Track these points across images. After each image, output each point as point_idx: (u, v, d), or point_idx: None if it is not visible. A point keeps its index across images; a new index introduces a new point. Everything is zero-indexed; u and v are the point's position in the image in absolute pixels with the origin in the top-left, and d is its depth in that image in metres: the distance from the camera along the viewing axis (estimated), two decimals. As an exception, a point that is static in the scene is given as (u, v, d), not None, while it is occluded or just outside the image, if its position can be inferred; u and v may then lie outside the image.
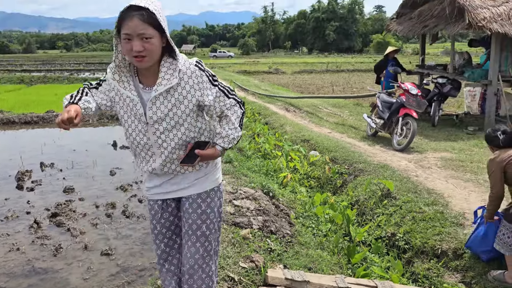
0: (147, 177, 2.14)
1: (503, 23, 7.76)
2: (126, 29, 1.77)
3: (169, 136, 1.95)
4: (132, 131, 1.98)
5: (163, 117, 1.91)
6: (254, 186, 4.77)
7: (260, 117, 10.63)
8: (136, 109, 1.92)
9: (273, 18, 77.77)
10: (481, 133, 8.10)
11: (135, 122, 1.95)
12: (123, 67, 1.94)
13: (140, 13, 1.76)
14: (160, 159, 1.99)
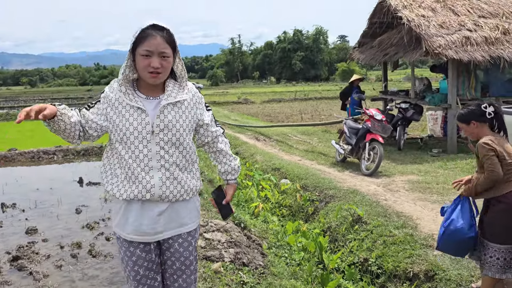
0: (128, 214, 1.98)
1: (457, 49, 8.19)
2: (147, 46, 1.87)
3: (172, 149, 1.98)
4: (131, 144, 1.94)
5: (170, 127, 1.97)
6: (225, 218, 4.70)
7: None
8: (142, 118, 1.94)
9: (240, 50, 79.09)
10: (445, 155, 8.37)
11: (138, 132, 1.93)
12: (127, 81, 2.00)
13: (163, 33, 1.90)
14: (159, 174, 1.95)
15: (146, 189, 1.94)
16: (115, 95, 1.98)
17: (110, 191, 2.01)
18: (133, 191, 1.94)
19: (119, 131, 1.94)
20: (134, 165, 1.94)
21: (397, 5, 9.31)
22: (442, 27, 8.69)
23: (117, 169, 2.00)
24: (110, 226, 5.34)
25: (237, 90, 45.67)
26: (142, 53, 1.87)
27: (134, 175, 1.94)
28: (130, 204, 1.98)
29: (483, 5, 9.60)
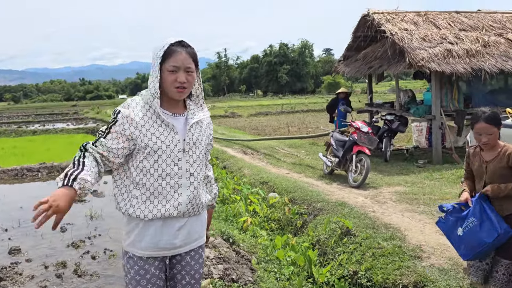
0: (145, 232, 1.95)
1: (439, 62, 8.36)
2: (174, 61, 1.90)
3: (200, 166, 2.04)
4: (162, 162, 1.92)
5: (197, 144, 2.02)
6: (213, 233, 4.66)
7: (218, 161, 10.59)
8: (172, 136, 1.94)
9: (227, 63, 79.54)
10: (430, 165, 8.46)
11: (170, 150, 1.93)
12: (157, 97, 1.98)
13: (188, 49, 1.94)
14: (187, 192, 1.97)
15: (173, 206, 1.95)
16: (138, 113, 1.91)
17: (132, 213, 1.94)
18: (160, 210, 1.93)
19: (149, 150, 1.90)
20: (163, 184, 1.93)
21: (380, 19, 9.50)
22: (424, 40, 8.88)
23: (133, 190, 1.95)
24: (96, 244, 5.25)
25: (224, 103, 45.76)
26: (170, 68, 1.90)
27: (162, 194, 1.93)
28: (149, 223, 1.96)
29: (463, 18, 9.85)
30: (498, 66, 8.42)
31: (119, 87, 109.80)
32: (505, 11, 10.66)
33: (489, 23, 9.74)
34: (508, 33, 9.41)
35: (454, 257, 3.93)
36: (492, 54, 8.71)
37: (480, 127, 2.83)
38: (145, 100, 1.95)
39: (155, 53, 1.92)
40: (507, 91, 9.81)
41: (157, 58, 1.90)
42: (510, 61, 8.59)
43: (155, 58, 1.92)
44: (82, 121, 30.20)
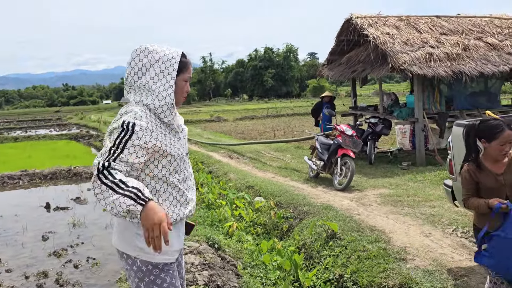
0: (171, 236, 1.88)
1: (421, 65, 8.47)
2: (189, 72, 2.03)
3: (191, 168, 2.16)
4: (179, 168, 2.00)
5: (188, 147, 2.16)
6: (198, 239, 4.62)
7: (204, 166, 10.54)
8: (180, 141, 2.03)
9: (212, 68, 79.34)
10: (414, 167, 8.55)
11: (181, 155, 2.02)
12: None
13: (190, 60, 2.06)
14: (194, 192, 2.11)
15: (192, 207, 2.06)
16: (152, 123, 1.89)
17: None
18: (185, 212, 2.01)
19: (169, 158, 1.94)
20: (182, 187, 2.01)
21: (363, 23, 9.59)
22: (406, 44, 8.99)
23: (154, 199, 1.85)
24: (79, 253, 5.15)
25: (209, 108, 45.67)
26: (185, 79, 2.02)
27: (183, 197, 2.01)
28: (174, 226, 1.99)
29: (443, 22, 10.02)
30: (478, 69, 8.57)
31: (104, 92, 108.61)
32: (484, 15, 10.88)
33: (468, 27, 9.92)
34: (487, 37, 9.60)
35: (438, 258, 3.97)
36: (472, 58, 8.87)
37: (507, 135, 2.58)
38: (149, 109, 1.93)
39: (163, 61, 1.94)
40: (487, 94, 10.00)
41: (173, 69, 1.95)
42: (489, 64, 8.75)
43: (166, 67, 1.94)
44: (65, 127, 29.77)
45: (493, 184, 2.68)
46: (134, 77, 1.96)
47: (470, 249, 4.23)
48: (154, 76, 1.94)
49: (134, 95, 1.97)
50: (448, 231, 4.71)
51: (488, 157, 2.71)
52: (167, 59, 1.95)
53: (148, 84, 1.94)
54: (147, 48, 1.96)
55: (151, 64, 1.94)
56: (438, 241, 4.44)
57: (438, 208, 5.50)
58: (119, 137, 1.79)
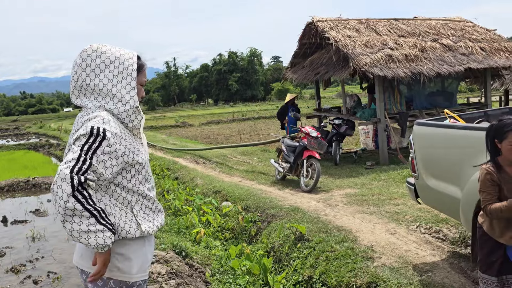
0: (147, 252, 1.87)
1: (381, 67, 8.68)
2: (144, 76, 1.92)
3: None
4: (148, 175, 1.91)
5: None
6: (165, 248, 4.51)
7: (169, 172, 10.36)
8: (143, 147, 1.93)
9: (176, 73, 78.52)
10: (378, 166, 8.74)
11: (146, 162, 1.92)
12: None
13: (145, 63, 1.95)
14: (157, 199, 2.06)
15: (163, 215, 1.98)
16: (120, 129, 1.77)
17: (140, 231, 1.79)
18: (160, 222, 1.93)
19: (138, 166, 1.83)
20: (152, 195, 1.92)
21: (324, 26, 9.74)
22: (366, 46, 9.20)
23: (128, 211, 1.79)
24: (39, 268, 4.91)
25: (174, 113, 45.13)
26: (142, 82, 1.90)
27: (154, 205, 1.91)
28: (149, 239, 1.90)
29: (401, 25, 10.33)
30: (435, 69, 8.87)
31: (64, 99, 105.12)
32: (438, 18, 11.31)
33: (425, 29, 10.27)
34: (443, 38, 9.96)
35: (403, 255, 4.05)
36: (429, 59, 9.18)
37: None
38: (112, 114, 1.80)
39: (121, 62, 1.80)
40: (445, 93, 10.37)
41: (132, 69, 1.81)
42: (445, 64, 9.08)
43: (124, 68, 1.80)
44: (23, 137, 28.61)
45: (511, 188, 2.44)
46: (86, 79, 1.79)
47: (434, 244, 4.34)
48: (112, 78, 1.79)
49: (89, 99, 1.81)
50: (412, 228, 4.82)
51: (504, 159, 2.50)
52: (124, 59, 1.82)
53: (107, 87, 1.79)
54: (99, 48, 1.80)
55: (106, 65, 1.79)
56: (403, 238, 4.53)
57: (402, 205, 5.62)
58: (88, 143, 1.64)
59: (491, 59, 9.48)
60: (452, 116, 3.97)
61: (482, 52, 9.66)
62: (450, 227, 4.62)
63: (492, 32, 10.64)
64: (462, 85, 22.84)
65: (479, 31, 10.60)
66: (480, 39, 10.13)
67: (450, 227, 4.63)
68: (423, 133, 3.84)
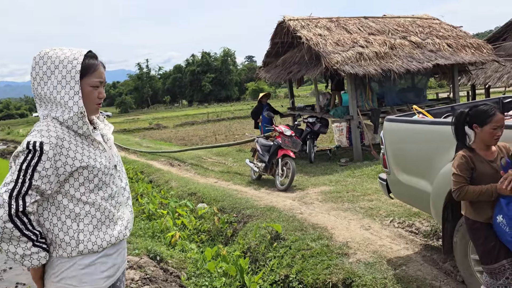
0: (97, 262, 1.74)
1: (353, 65, 8.78)
2: (97, 76, 1.77)
3: (125, 180, 1.95)
4: (102, 184, 1.77)
5: (119, 157, 1.95)
6: (138, 253, 4.41)
7: (143, 175, 10.19)
8: (105, 153, 1.82)
9: (149, 74, 77.47)
10: (352, 163, 8.83)
11: (107, 170, 1.80)
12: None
13: (101, 62, 1.82)
14: (127, 208, 1.91)
15: (124, 226, 1.85)
16: (65, 137, 1.67)
17: (83, 250, 1.69)
18: (112, 234, 1.78)
19: (87, 174, 1.71)
20: (108, 206, 1.78)
21: (295, 25, 9.78)
22: (337, 44, 9.29)
23: (73, 224, 1.70)
24: (6, 279, 4.73)
25: (148, 115, 44.53)
26: (93, 83, 1.76)
27: (109, 217, 1.78)
28: (103, 253, 1.77)
29: (371, 23, 10.48)
30: (404, 66, 9.04)
31: (33, 104, 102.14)
32: (407, 15, 11.54)
33: (394, 27, 10.45)
34: (411, 36, 10.16)
35: (378, 250, 4.09)
36: (399, 56, 9.35)
37: (499, 118, 2.51)
38: (59, 122, 1.70)
39: (64, 66, 1.69)
40: (414, 89, 10.58)
41: (75, 71, 1.69)
42: (414, 61, 9.26)
43: (67, 72, 1.69)
44: (-10, 144, 27.60)
45: (488, 170, 2.58)
46: (38, 88, 1.72)
47: (407, 238, 4.41)
48: (56, 85, 1.70)
49: (42, 108, 1.74)
50: (386, 223, 4.88)
51: (480, 143, 2.61)
52: (68, 61, 1.71)
53: (53, 95, 1.71)
54: (46, 54, 1.72)
55: (51, 71, 1.70)
56: (377, 233, 4.58)
57: (376, 201, 5.70)
58: (26, 160, 1.59)
59: (457, 55, 9.74)
60: (421, 112, 4.04)
61: (449, 48, 9.90)
62: (422, 221, 4.70)
63: (458, 29, 10.93)
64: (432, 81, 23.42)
65: (446, 28, 10.86)
66: (447, 36, 10.38)
67: (422, 220, 4.71)
68: (393, 129, 3.89)
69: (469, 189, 2.55)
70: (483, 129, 2.55)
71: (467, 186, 2.56)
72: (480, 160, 2.60)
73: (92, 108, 1.81)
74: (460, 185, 2.58)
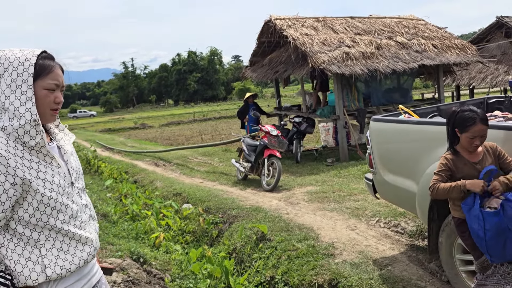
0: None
1: (339, 64, 8.78)
2: (52, 78, 1.57)
3: (85, 195, 1.76)
4: (61, 205, 1.57)
5: (79, 172, 1.74)
6: (121, 255, 4.31)
7: (128, 176, 10.04)
8: (59, 169, 1.61)
9: (134, 73, 76.78)
10: (338, 163, 8.84)
11: (62, 189, 1.59)
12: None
13: (59, 63, 1.63)
14: (91, 226, 1.73)
15: (92, 246, 1.67)
16: (8, 154, 1.47)
17: (50, 275, 1.53)
18: (82, 257, 1.62)
19: (40, 196, 1.52)
20: (70, 228, 1.60)
21: (282, 25, 9.75)
22: (324, 44, 9.29)
23: (35, 250, 1.54)
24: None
25: (133, 115, 44.14)
26: (49, 87, 1.56)
27: (75, 239, 1.61)
28: (69, 277, 1.61)
29: (357, 23, 10.51)
30: (390, 66, 9.09)
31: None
32: (393, 16, 11.62)
33: (380, 27, 10.51)
34: (397, 36, 10.22)
35: (363, 251, 4.07)
36: (385, 56, 9.39)
37: (478, 129, 2.50)
38: (7, 133, 1.51)
39: (14, 68, 1.51)
40: (400, 90, 10.65)
41: (27, 74, 1.51)
42: (400, 61, 9.32)
43: (18, 75, 1.51)
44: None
45: (470, 172, 2.59)
46: None
47: (393, 238, 4.40)
48: (5, 89, 1.51)
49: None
50: (372, 223, 4.87)
51: (462, 147, 2.64)
52: (19, 63, 1.52)
53: (1, 100, 1.52)
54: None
55: (0, 74, 1.52)
56: (363, 234, 4.57)
57: (362, 201, 5.69)
58: None
59: (442, 56, 9.83)
60: (407, 112, 4.03)
61: (434, 49, 9.99)
62: (408, 221, 4.70)
63: (443, 30, 11.04)
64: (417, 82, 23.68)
65: (431, 29, 10.96)
66: (432, 37, 10.48)
67: (408, 220, 4.71)
68: (379, 129, 3.88)
69: (440, 186, 2.59)
70: (462, 136, 2.58)
71: (439, 184, 2.60)
72: (464, 162, 2.62)
73: (47, 115, 1.60)
74: (434, 183, 2.62)
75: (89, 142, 17.80)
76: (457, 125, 2.58)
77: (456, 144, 2.65)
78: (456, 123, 2.59)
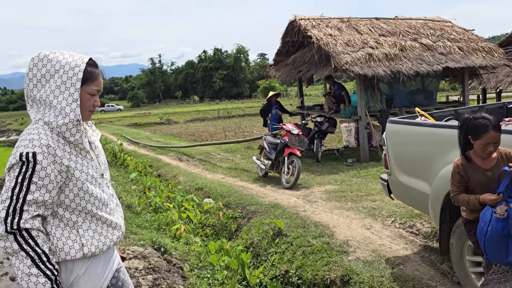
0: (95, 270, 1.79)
1: (362, 65, 8.81)
2: (96, 85, 1.78)
3: (111, 186, 1.97)
4: (96, 193, 1.79)
5: (106, 165, 1.96)
6: (143, 244, 4.54)
7: (152, 169, 10.35)
8: (92, 162, 1.83)
9: (161, 69, 78.02)
10: (358, 164, 8.88)
11: (95, 180, 1.81)
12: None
13: (101, 71, 1.82)
14: (118, 213, 1.93)
15: (120, 231, 1.90)
16: (56, 147, 1.66)
17: (87, 252, 1.74)
18: (112, 239, 1.84)
19: (81, 185, 1.73)
20: (102, 214, 1.81)
21: (306, 25, 9.83)
22: (347, 45, 9.32)
23: (73, 231, 1.75)
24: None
25: (159, 110, 44.89)
26: (92, 92, 1.76)
27: (106, 223, 1.83)
28: (100, 256, 1.82)
29: (382, 24, 10.48)
30: (414, 68, 9.04)
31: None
32: (418, 17, 11.50)
33: (405, 29, 10.44)
34: (422, 38, 10.15)
35: (377, 249, 4.16)
36: (409, 58, 9.35)
37: (491, 136, 2.54)
38: (51, 128, 1.69)
39: (65, 71, 1.68)
40: (425, 92, 10.56)
41: (76, 79, 1.69)
42: (424, 63, 9.26)
43: (68, 78, 1.68)
44: (3, 134, 28.18)
45: (482, 178, 2.65)
46: (33, 90, 1.70)
47: (407, 238, 4.47)
48: (54, 89, 1.69)
49: (35, 111, 1.73)
50: (387, 223, 4.94)
51: (475, 153, 2.69)
52: (69, 67, 1.70)
53: (49, 98, 1.69)
54: (46, 56, 1.70)
55: (51, 74, 1.69)
56: (378, 233, 4.65)
57: (379, 201, 5.75)
58: (21, 173, 1.59)
59: (468, 58, 9.70)
60: (423, 114, 4.09)
61: (460, 51, 9.87)
62: (423, 222, 4.76)
63: (470, 32, 10.87)
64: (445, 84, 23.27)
65: (458, 31, 10.82)
66: (458, 39, 10.34)
67: (423, 222, 4.77)
68: (395, 130, 3.95)
69: (459, 198, 2.73)
70: (475, 143, 2.62)
71: (459, 195, 2.72)
72: (475, 169, 2.68)
73: (85, 115, 1.80)
74: (453, 193, 2.75)
75: (115, 135, 18.32)
76: (470, 132, 2.62)
77: (469, 151, 2.71)
78: (469, 130, 2.63)
